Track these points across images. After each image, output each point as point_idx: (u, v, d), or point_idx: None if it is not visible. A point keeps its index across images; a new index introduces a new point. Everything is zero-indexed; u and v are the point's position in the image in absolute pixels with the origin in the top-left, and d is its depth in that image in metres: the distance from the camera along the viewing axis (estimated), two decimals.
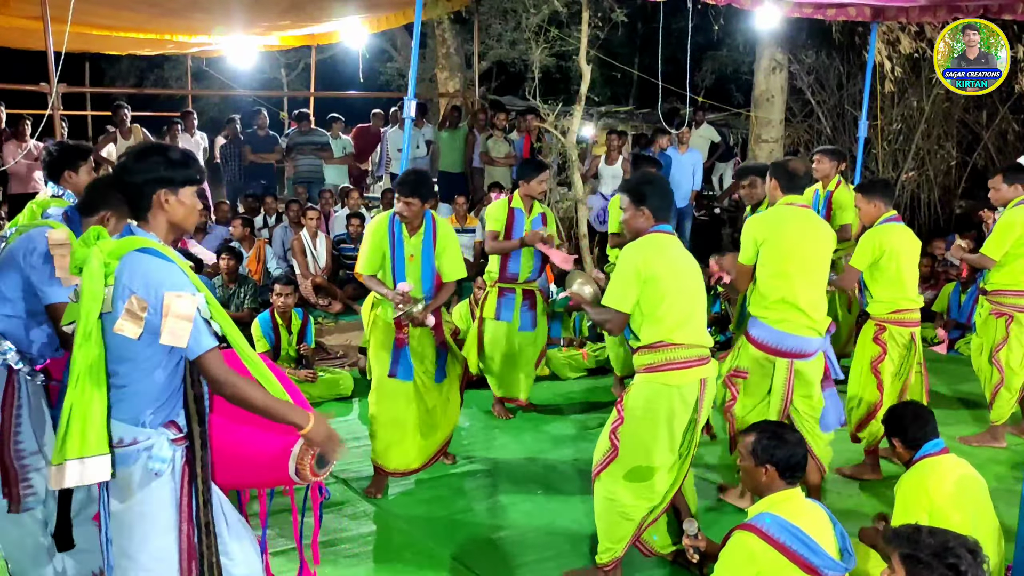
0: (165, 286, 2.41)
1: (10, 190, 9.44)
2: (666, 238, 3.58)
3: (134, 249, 2.47)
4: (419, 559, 3.96)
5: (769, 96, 11.36)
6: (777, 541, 2.79)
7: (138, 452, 2.50)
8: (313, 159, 10.67)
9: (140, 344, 2.43)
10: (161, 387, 2.52)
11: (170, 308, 2.39)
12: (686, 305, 3.54)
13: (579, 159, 9.46)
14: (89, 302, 2.43)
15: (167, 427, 2.55)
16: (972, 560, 2.32)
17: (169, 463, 2.53)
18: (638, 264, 3.46)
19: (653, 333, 3.49)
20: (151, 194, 2.54)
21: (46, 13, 7.35)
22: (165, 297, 2.40)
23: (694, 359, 3.52)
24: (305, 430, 2.61)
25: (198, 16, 9.85)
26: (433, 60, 13.82)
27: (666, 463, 3.56)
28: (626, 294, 3.48)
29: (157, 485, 2.52)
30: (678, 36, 11.16)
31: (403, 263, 4.54)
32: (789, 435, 3.06)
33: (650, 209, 3.57)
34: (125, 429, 2.51)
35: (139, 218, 2.57)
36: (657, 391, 3.50)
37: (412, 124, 6.89)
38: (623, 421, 3.55)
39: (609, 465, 3.59)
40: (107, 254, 2.46)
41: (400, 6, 10.09)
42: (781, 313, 4.14)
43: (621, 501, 3.57)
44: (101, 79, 16.73)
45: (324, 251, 8.44)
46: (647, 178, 3.76)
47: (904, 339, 4.78)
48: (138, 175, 2.53)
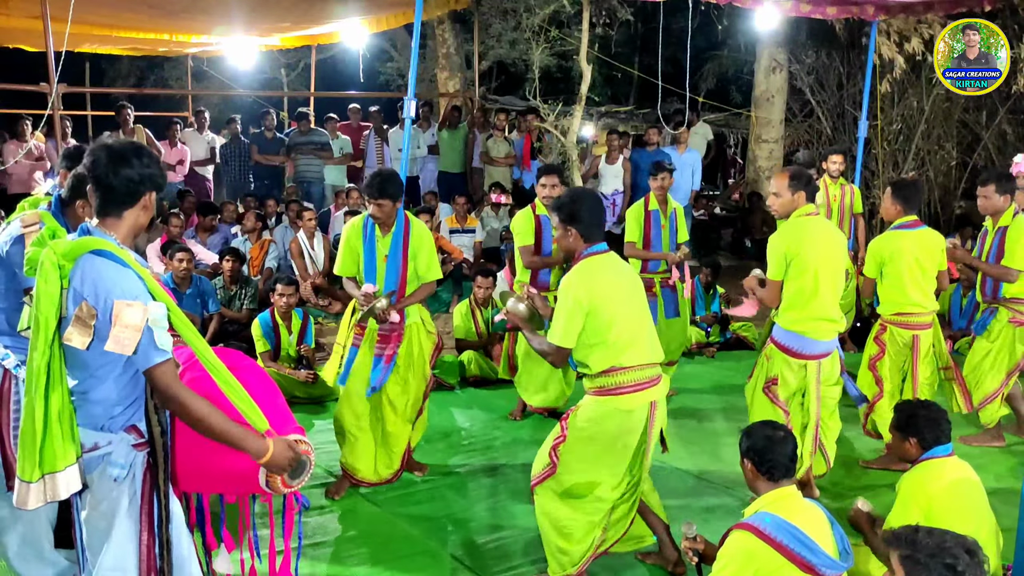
0: (115, 293, 2.31)
1: (10, 190, 9.45)
2: (601, 260, 3.46)
3: (89, 251, 2.35)
4: (419, 559, 3.96)
5: (769, 96, 11.37)
6: (775, 540, 2.79)
7: (100, 458, 2.45)
8: (313, 159, 10.67)
9: (93, 352, 2.33)
10: (120, 394, 2.44)
11: (119, 317, 2.28)
12: (632, 327, 3.45)
13: (579, 159, 9.47)
14: (46, 306, 2.32)
15: (128, 432, 2.47)
16: (970, 560, 2.32)
17: (128, 468, 2.45)
18: (579, 297, 3.35)
19: (602, 360, 3.40)
20: (143, 193, 2.46)
21: (46, 13, 7.36)
22: (115, 305, 2.29)
23: (644, 381, 3.44)
24: (263, 459, 2.47)
25: (199, 17, 9.86)
26: (433, 60, 13.83)
27: (608, 482, 3.49)
28: (570, 329, 3.37)
29: (117, 492, 2.45)
30: (678, 36, 11.17)
31: (375, 263, 4.52)
32: (777, 434, 3.07)
33: (579, 229, 3.44)
34: (86, 434, 2.43)
35: (108, 215, 2.44)
36: (606, 414, 3.43)
37: (412, 124, 6.89)
38: (565, 439, 3.48)
39: (546, 480, 3.54)
40: (60, 255, 2.34)
41: (400, 6, 10.10)
42: (813, 324, 4.24)
43: (557, 516, 3.54)
44: (101, 79, 16.73)
45: (322, 252, 8.44)
46: (575, 195, 3.59)
47: (905, 339, 4.87)
48: (138, 171, 2.43)
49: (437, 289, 8.44)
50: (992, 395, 5.30)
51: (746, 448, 3.04)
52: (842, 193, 6.95)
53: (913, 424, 3.51)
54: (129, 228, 2.47)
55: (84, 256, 2.35)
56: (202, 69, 15.49)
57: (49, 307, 2.32)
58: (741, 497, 4.45)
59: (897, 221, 4.87)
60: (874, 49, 8.58)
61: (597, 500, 3.51)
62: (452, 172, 10.78)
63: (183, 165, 10.45)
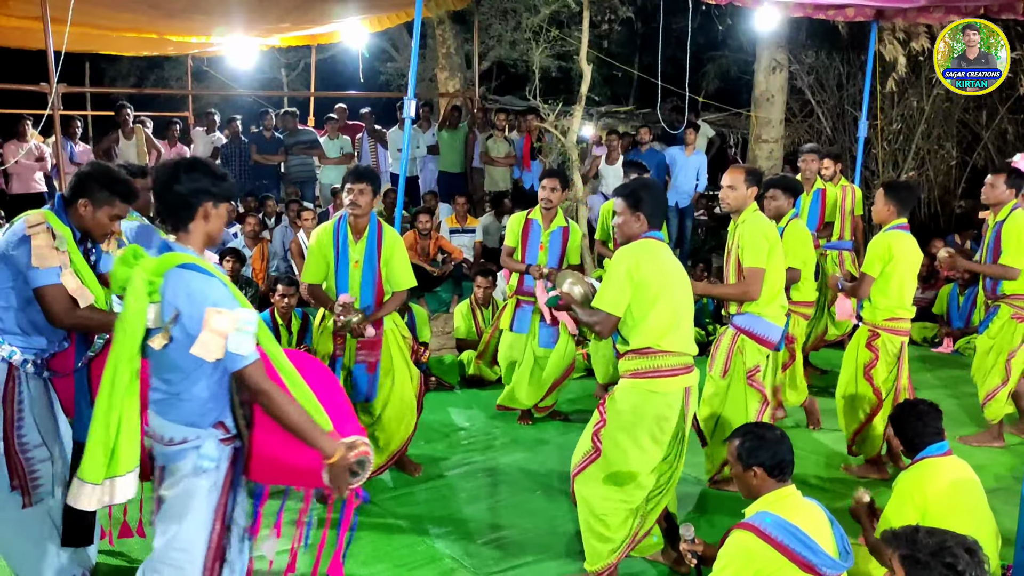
0: (208, 301, 2.51)
1: (11, 190, 9.45)
2: (657, 244, 3.57)
3: (176, 265, 2.54)
4: (419, 559, 3.96)
5: (769, 96, 11.36)
6: (776, 540, 2.79)
7: (188, 450, 2.64)
8: (304, 158, 10.65)
9: (188, 355, 2.52)
10: (210, 393, 2.63)
11: (208, 323, 2.48)
12: (675, 312, 3.53)
13: (579, 159, 9.46)
14: (134, 321, 2.52)
15: (216, 428, 2.67)
16: (970, 559, 2.32)
17: (216, 461, 2.66)
18: (631, 267, 3.45)
19: (642, 338, 3.49)
20: (197, 205, 2.63)
21: (46, 13, 7.35)
22: (206, 312, 2.49)
23: (679, 367, 3.52)
24: (330, 460, 2.63)
25: (198, 17, 9.85)
26: (433, 60, 13.82)
27: (646, 468, 3.54)
28: (619, 297, 3.47)
29: (201, 482, 2.64)
30: (679, 36, 11.16)
31: (347, 270, 4.46)
32: (770, 434, 3.07)
33: (645, 215, 3.58)
34: (176, 429, 2.63)
35: (178, 229, 2.64)
36: (643, 397, 3.49)
37: (412, 124, 6.89)
38: (605, 424, 3.55)
39: (589, 466, 3.59)
40: (150, 272, 2.53)
41: (401, 6, 10.09)
42: (780, 311, 4.53)
43: (597, 503, 3.57)
44: (101, 79, 16.74)
45: None
46: (644, 184, 3.73)
47: (895, 348, 4.82)
48: (187, 185, 2.60)
49: (437, 289, 8.48)
50: (995, 390, 5.28)
51: (752, 457, 3.00)
52: (843, 195, 6.95)
53: (904, 423, 3.53)
54: (200, 239, 2.66)
55: (172, 271, 2.54)
56: (202, 69, 15.48)
57: (137, 322, 2.53)
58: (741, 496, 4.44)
59: (892, 223, 4.80)
60: (875, 49, 8.58)
61: (637, 487, 3.56)
62: (452, 172, 10.77)
63: None
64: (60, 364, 3.27)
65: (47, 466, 3.21)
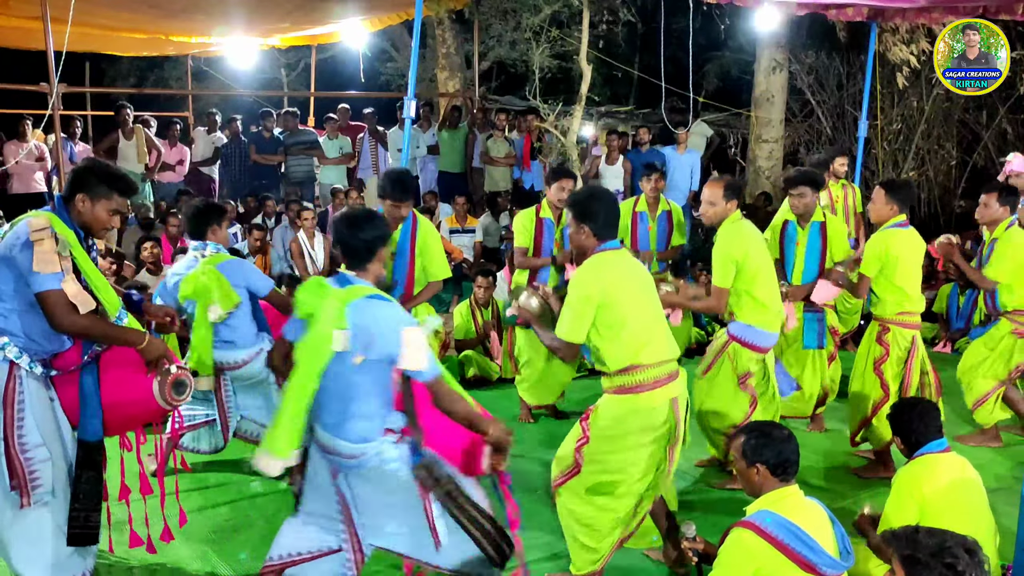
0: (402, 323, 2.90)
1: (11, 190, 9.45)
2: (613, 256, 3.45)
3: (363, 296, 2.91)
4: None
5: (769, 96, 11.37)
6: (776, 539, 2.79)
7: (371, 457, 2.98)
8: (303, 159, 10.64)
9: (368, 373, 2.90)
10: (378, 407, 2.99)
11: (409, 341, 2.86)
12: (647, 323, 3.45)
13: (579, 159, 9.47)
14: (320, 344, 2.84)
15: (387, 434, 3.01)
16: (970, 559, 2.32)
17: (399, 460, 2.99)
18: (590, 291, 3.34)
19: (619, 358, 3.39)
20: (378, 250, 3.06)
21: (46, 13, 7.36)
22: (404, 333, 2.86)
23: (663, 377, 3.43)
24: (492, 438, 3.09)
25: (198, 17, 9.86)
26: (433, 60, 13.83)
27: (631, 478, 3.49)
28: (578, 325, 3.36)
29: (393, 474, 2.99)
30: (679, 36, 11.17)
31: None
32: (777, 432, 3.06)
33: (592, 227, 3.43)
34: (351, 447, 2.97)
35: (357, 267, 3.05)
36: (626, 412, 3.43)
37: (412, 124, 6.89)
38: (588, 440, 3.48)
39: (570, 480, 3.55)
40: (341, 302, 2.88)
41: (401, 5, 10.10)
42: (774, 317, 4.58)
43: (582, 512, 3.54)
44: (101, 79, 16.73)
45: (322, 252, 8.43)
46: (592, 192, 3.63)
47: (906, 342, 4.85)
48: (369, 234, 3.04)
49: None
50: (984, 397, 5.30)
51: (757, 454, 2.99)
52: (844, 193, 6.95)
53: (902, 420, 3.53)
54: (374, 276, 3.07)
55: (359, 300, 2.90)
56: (202, 69, 15.48)
57: (324, 345, 2.84)
58: (742, 495, 4.44)
59: (892, 220, 4.83)
60: (875, 49, 8.58)
61: (624, 496, 3.50)
62: (452, 172, 10.77)
63: (183, 165, 10.46)
64: (62, 363, 3.28)
65: (47, 466, 3.20)
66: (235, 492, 4.68)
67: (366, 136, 10.93)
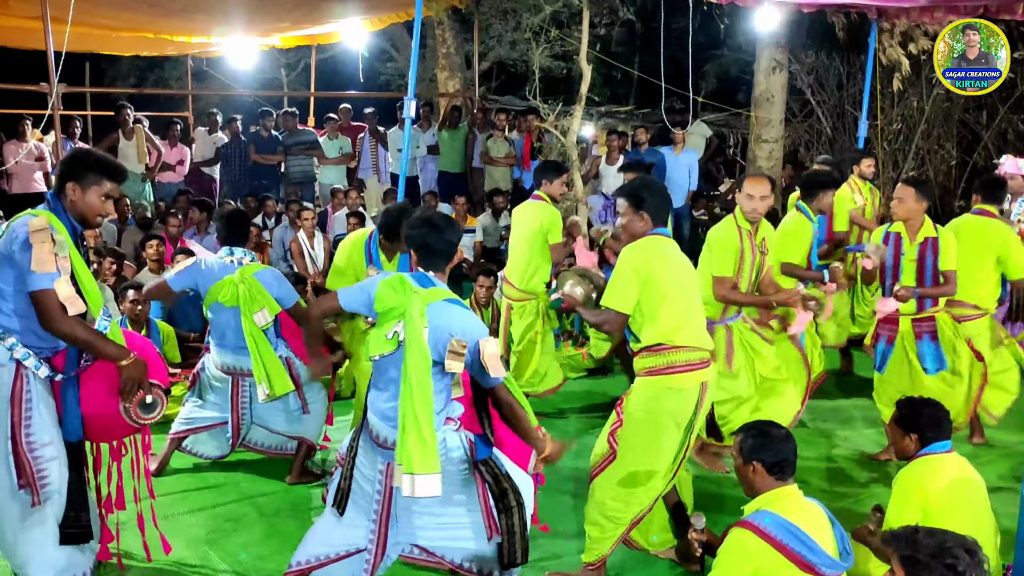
0: (477, 332, 3.02)
1: (11, 189, 9.45)
2: (663, 240, 3.60)
3: (443, 299, 3.04)
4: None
5: (769, 96, 11.36)
6: (775, 539, 2.79)
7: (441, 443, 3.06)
8: (303, 159, 10.63)
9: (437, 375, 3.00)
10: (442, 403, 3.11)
11: (485, 350, 2.96)
12: (685, 307, 3.56)
13: (579, 159, 9.47)
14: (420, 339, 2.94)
15: (447, 423, 3.15)
16: (970, 560, 2.32)
17: (462, 448, 3.14)
18: (637, 265, 3.48)
19: (654, 335, 3.50)
20: (454, 253, 3.20)
21: (46, 13, 7.36)
22: (480, 342, 2.97)
23: (695, 362, 3.53)
24: (544, 454, 3.24)
25: (198, 17, 9.86)
26: (433, 60, 13.83)
27: (663, 467, 3.55)
28: (626, 294, 3.48)
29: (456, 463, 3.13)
30: (679, 36, 11.17)
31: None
32: (775, 431, 3.06)
33: (648, 213, 3.59)
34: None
35: (434, 268, 3.14)
36: (658, 394, 3.51)
37: (412, 124, 6.90)
38: (622, 424, 3.57)
39: (607, 468, 3.60)
40: (424, 302, 2.99)
41: (401, 5, 10.10)
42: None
43: (611, 505, 3.58)
44: (101, 79, 16.73)
45: (322, 252, 8.43)
46: (646, 182, 3.79)
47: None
48: (453, 237, 3.17)
49: None
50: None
51: (754, 453, 2.99)
52: (872, 196, 7.01)
53: (915, 421, 3.50)
54: (446, 276, 3.19)
55: (439, 303, 3.03)
56: (202, 69, 15.48)
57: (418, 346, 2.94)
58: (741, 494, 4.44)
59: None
60: (875, 49, 8.58)
61: (651, 488, 3.57)
62: (452, 172, 10.77)
63: (183, 165, 10.45)
64: (60, 363, 3.28)
65: (55, 465, 3.21)
66: (235, 492, 4.69)
67: (366, 136, 10.93)
